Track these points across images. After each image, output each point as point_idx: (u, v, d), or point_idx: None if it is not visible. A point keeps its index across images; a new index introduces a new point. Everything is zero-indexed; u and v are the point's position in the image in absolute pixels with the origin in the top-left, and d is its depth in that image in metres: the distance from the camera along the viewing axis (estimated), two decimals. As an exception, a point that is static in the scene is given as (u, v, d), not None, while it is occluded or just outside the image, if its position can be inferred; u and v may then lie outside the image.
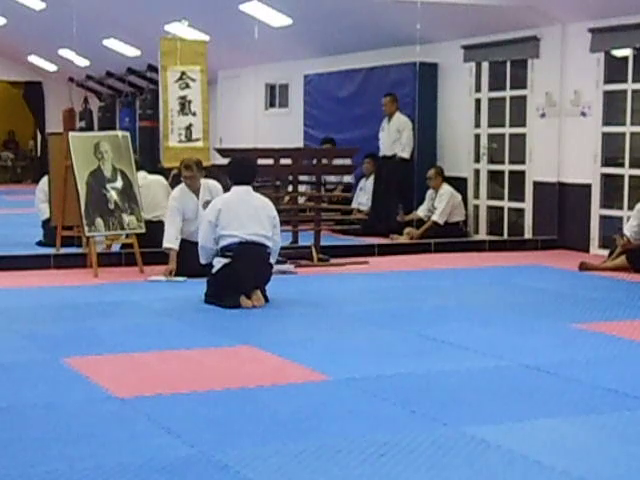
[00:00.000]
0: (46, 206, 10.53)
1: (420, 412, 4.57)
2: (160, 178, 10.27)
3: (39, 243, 10.86)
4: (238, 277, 7.39)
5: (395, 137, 12.70)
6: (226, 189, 8.36)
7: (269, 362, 5.67)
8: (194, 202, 8.90)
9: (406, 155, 12.64)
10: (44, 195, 10.68)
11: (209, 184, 9.01)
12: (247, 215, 7.51)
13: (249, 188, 7.70)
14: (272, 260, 7.66)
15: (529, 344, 6.16)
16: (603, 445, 4.16)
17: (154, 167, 11.25)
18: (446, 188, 12.10)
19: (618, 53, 10.85)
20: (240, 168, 7.84)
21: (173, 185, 9.76)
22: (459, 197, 12.20)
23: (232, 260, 7.42)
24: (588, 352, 5.95)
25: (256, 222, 7.51)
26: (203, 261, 7.71)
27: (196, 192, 8.93)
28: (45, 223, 10.76)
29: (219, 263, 7.50)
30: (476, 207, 12.64)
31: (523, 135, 11.94)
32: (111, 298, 7.89)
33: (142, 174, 10.14)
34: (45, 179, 10.68)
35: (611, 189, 11.05)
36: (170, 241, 8.79)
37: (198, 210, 8.82)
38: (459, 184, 12.38)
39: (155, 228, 9.23)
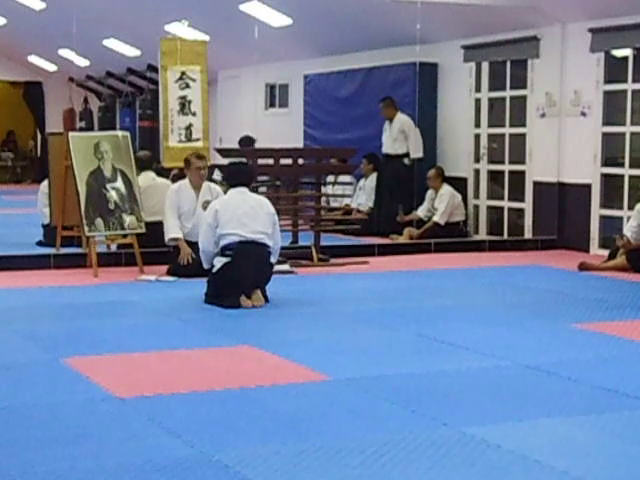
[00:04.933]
0: (48, 210, 10.52)
1: (420, 412, 4.57)
2: (168, 182, 10.22)
3: (39, 243, 10.84)
4: (238, 277, 7.39)
5: (398, 138, 12.68)
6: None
7: (269, 362, 5.67)
8: (192, 198, 8.92)
9: (420, 154, 12.62)
10: (46, 199, 10.61)
11: (210, 185, 9.08)
12: (245, 213, 7.51)
13: (245, 189, 7.72)
14: (273, 260, 7.67)
15: (529, 344, 6.16)
16: (603, 445, 4.16)
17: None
18: (446, 188, 12.11)
19: (618, 53, 10.85)
20: (236, 171, 7.90)
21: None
22: (459, 197, 12.20)
23: (232, 259, 7.42)
24: (588, 352, 5.95)
25: (255, 220, 7.52)
26: (206, 266, 7.71)
27: (197, 189, 8.95)
28: (46, 225, 10.73)
29: (219, 262, 7.50)
30: (476, 207, 12.64)
31: (523, 135, 11.94)
32: (111, 298, 7.89)
33: (150, 174, 10.12)
34: (47, 182, 10.64)
35: (611, 189, 11.05)
36: (174, 232, 8.82)
37: (196, 208, 8.85)
38: (459, 184, 12.38)
39: (157, 230, 9.21)
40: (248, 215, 7.51)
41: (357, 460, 3.87)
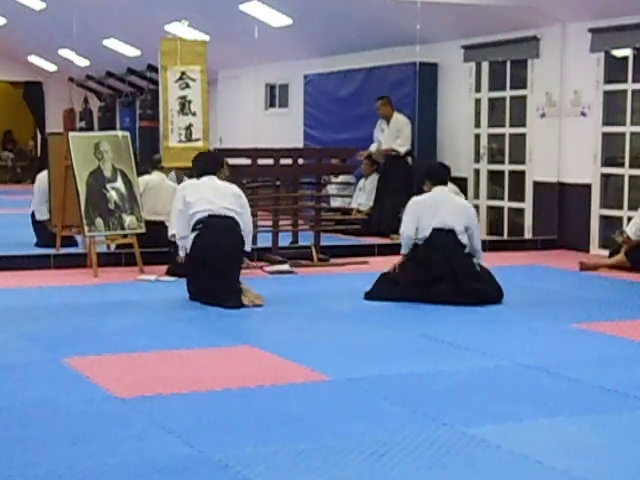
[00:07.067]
0: (44, 208, 10.51)
1: (420, 412, 4.57)
2: (175, 185, 10.17)
3: (36, 245, 10.76)
4: (209, 245, 7.45)
5: (396, 137, 12.69)
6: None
7: (269, 362, 5.67)
8: None
9: (402, 150, 12.62)
10: (46, 194, 10.55)
11: None
12: (212, 193, 7.69)
13: (213, 177, 7.88)
14: (247, 247, 7.78)
15: (529, 344, 6.16)
16: (603, 445, 4.16)
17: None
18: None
19: (618, 53, 10.85)
20: (203, 161, 8.04)
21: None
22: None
23: (201, 231, 7.51)
24: (588, 352, 5.95)
25: (222, 198, 7.68)
26: (182, 253, 7.78)
27: None
28: (38, 224, 10.72)
29: (190, 241, 7.58)
30: (476, 207, 12.61)
31: (523, 135, 11.93)
32: (111, 298, 7.89)
33: (161, 175, 10.11)
34: (44, 177, 10.59)
35: (611, 189, 11.05)
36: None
37: None
38: (459, 184, 12.36)
39: (158, 230, 9.20)
40: (215, 195, 7.69)
41: (357, 460, 3.87)
